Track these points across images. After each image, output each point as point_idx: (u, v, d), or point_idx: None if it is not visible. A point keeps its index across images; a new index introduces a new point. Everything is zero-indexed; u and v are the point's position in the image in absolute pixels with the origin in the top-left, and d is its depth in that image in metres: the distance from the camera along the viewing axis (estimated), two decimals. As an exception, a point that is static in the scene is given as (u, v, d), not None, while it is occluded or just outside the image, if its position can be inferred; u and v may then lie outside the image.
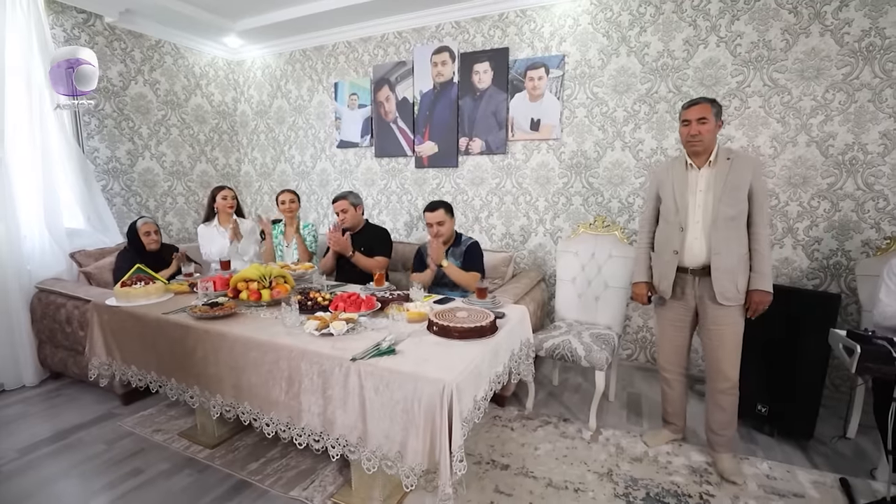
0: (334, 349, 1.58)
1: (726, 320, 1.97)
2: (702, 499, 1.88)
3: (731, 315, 1.96)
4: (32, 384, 2.88)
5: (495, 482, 1.96)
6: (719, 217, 1.90)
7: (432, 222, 2.61)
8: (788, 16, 2.58)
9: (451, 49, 3.44)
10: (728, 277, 1.91)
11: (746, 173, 1.88)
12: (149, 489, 1.95)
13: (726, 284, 1.91)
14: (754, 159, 1.98)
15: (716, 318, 1.99)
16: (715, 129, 1.91)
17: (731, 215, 1.89)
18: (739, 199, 1.88)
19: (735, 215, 1.89)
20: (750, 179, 1.88)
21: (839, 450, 2.24)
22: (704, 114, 1.88)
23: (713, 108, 1.90)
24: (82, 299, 2.60)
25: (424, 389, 1.38)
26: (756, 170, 1.90)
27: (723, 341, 1.99)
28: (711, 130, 1.90)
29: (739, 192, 1.88)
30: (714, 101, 1.92)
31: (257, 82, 4.42)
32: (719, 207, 1.90)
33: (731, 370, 2.01)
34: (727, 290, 1.92)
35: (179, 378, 1.99)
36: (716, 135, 1.93)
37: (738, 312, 1.97)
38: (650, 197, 2.17)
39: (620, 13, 2.95)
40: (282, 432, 1.70)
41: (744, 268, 1.92)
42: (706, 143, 1.92)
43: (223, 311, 1.95)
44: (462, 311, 1.87)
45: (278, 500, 1.87)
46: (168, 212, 3.99)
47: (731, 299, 1.93)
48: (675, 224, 2.01)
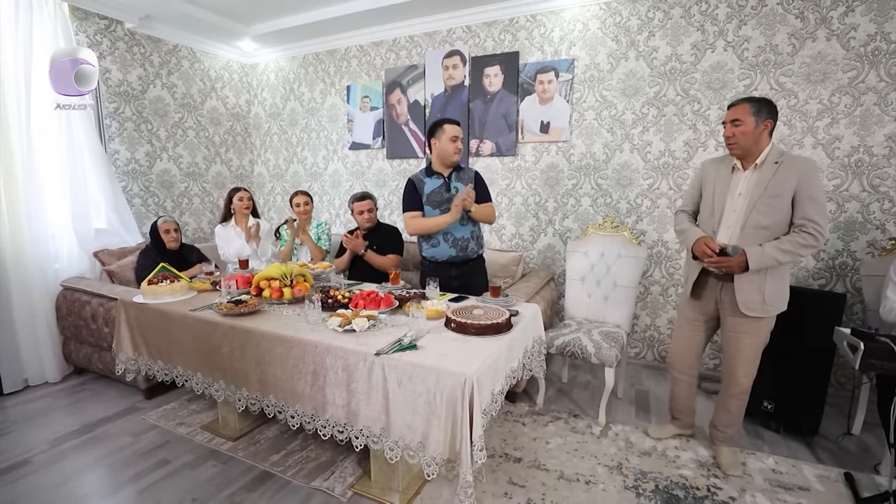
0: (358, 344, 1.66)
1: (746, 329, 1.92)
2: (709, 491, 1.94)
3: (752, 325, 1.90)
4: (56, 380, 2.98)
5: (509, 474, 2.03)
6: (748, 224, 1.81)
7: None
8: (795, 21, 2.64)
9: (463, 53, 3.51)
10: (753, 287, 1.82)
11: (791, 180, 1.73)
12: (176, 479, 2.03)
13: (750, 294, 1.83)
14: (806, 164, 1.76)
15: (735, 325, 1.94)
16: (756, 131, 1.78)
17: (763, 224, 1.78)
18: (777, 209, 1.76)
19: (769, 225, 1.77)
20: (794, 186, 1.72)
21: (844, 445, 2.30)
22: (739, 115, 1.79)
23: (752, 109, 1.78)
24: (107, 297, 2.69)
25: (446, 382, 1.45)
26: (806, 176, 1.72)
27: (739, 349, 1.96)
28: (748, 133, 1.78)
29: (779, 201, 1.75)
30: (757, 101, 1.79)
31: (271, 85, 4.51)
32: (751, 214, 1.80)
33: (744, 378, 2.00)
34: (750, 301, 1.84)
35: (206, 372, 2.07)
36: (761, 136, 1.79)
37: (765, 324, 1.91)
38: (693, 185, 2.11)
39: (629, 18, 3.01)
40: (306, 424, 1.78)
41: (774, 280, 1.82)
42: (743, 146, 1.82)
43: (248, 308, 2.03)
44: (478, 308, 1.94)
45: (301, 490, 1.95)
46: (184, 212, 4.09)
47: (754, 310, 1.84)
48: (709, 225, 1.96)
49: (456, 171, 2.44)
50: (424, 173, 2.46)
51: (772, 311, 1.87)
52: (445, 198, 2.38)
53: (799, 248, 1.72)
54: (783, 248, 1.73)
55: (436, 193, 2.39)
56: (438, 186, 2.40)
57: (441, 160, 2.39)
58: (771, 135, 1.83)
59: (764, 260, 1.75)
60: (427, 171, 2.46)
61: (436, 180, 2.41)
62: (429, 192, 2.40)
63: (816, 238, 1.69)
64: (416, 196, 2.42)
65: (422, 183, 2.43)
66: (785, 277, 1.88)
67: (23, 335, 2.84)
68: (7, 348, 2.77)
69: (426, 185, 2.42)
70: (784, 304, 1.91)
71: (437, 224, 2.35)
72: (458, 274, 2.45)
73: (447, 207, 2.35)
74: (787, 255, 1.74)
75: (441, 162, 2.40)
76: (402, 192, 2.52)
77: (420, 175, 2.47)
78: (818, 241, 1.69)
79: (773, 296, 1.84)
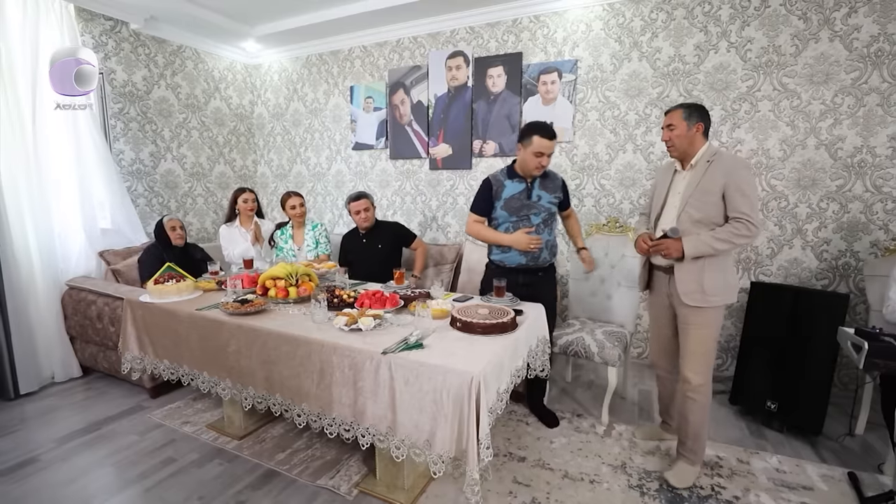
0: (365, 343, 1.67)
1: (692, 319, 1.93)
2: (713, 490, 1.95)
3: (697, 316, 1.91)
4: (63, 379, 2.99)
5: (513, 473, 2.04)
6: (682, 219, 1.88)
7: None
8: (798, 22, 2.65)
9: (466, 54, 3.52)
10: (691, 277, 1.87)
11: (720, 177, 1.80)
12: (182, 477, 2.04)
13: (689, 284, 1.88)
14: (735, 161, 1.85)
15: (683, 316, 1.96)
16: (689, 134, 1.87)
17: (696, 218, 1.85)
18: (709, 203, 1.83)
19: (700, 219, 1.84)
20: (723, 183, 1.79)
21: (847, 445, 2.30)
22: (673, 121, 1.90)
23: (683, 114, 1.88)
24: (113, 296, 2.71)
25: (453, 381, 1.46)
26: (734, 172, 1.79)
27: (687, 340, 1.95)
28: (682, 136, 1.88)
29: (709, 196, 1.82)
30: (688, 106, 1.90)
31: (274, 86, 4.53)
32: (685, 209, 1.88)
33: (691, 373, 1.93)
34: (689, 290, 1.88)
35: (212, 371, 2.09)
36: (695, 138, 1.88)
37: (710, 315, 1.90)
38: (650, 189, 2.22)
39: (633, 19, 3.03)
40: (312, 422, 1.79)
41: (713, 270, 1.86)
42: (679, 148, 1.91)
43: (254, 308, 2.05)
44: (483, 308, 1.95)
45: (306, 488, 1.96)
46: (188, 212, 4.10)
47: (695, 300, 1.88)
48: (653, 222, 2.05)
49: (541, 178, 2.26)
50: (505, 174, 2.28)
51: (714, 302, 1.88)
52: (524, 204, 2.22)
53: (732, 237, 1.77)
54: (717, 237, 1.79)
55: (515, 199, 2.22)
56: (519, 192, 2.23)
57: (521, 168, 2.23)
58: (706, 136, 1.91)
59: (699, 246, 1.81)
60: (509, 171, 2.27)
61: (517, 184, 2.24)
62: (507, 197, 2.24)
63: (748, 227, 1.75)
64: (488, 200, 2.27)
65: (501, 185, 2.26)
66: (727, 269, 1.90)
67: (36, 335, 2.86)
68: (24, 349, 2.78)
69: (506, 189, 2.24)
70: (729, 297, 1.90)
71: (498, 241, 2.26)
72: (525, 282, 2.29)
73: (525, 215, 2.22)
74: (721, 242, 1.79)
75: (522, 169, 2.23)
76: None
77: (500, 176, 2.29)
78: (750, 230, 1.75)
79: (714, 286, 1.86)
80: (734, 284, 1.95)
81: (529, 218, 2.23)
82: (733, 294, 1.93)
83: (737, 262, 2.94)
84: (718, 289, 1.87)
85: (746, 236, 1.76)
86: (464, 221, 3.76)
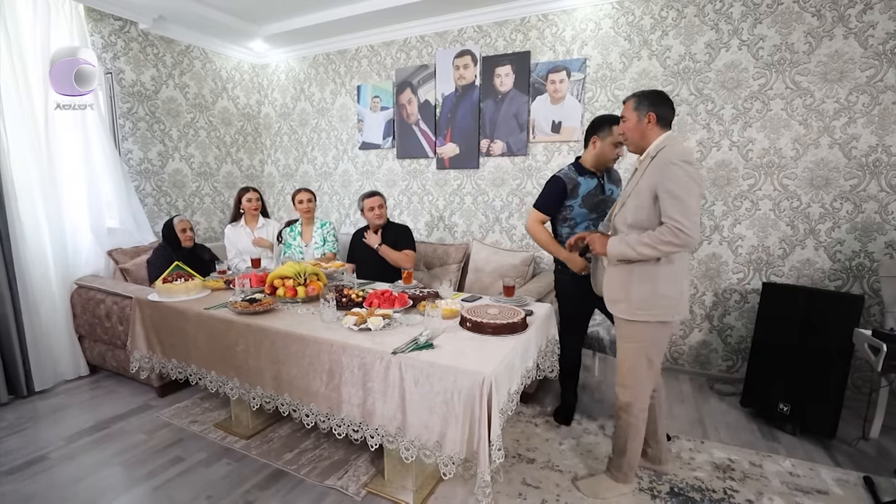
0: (374, 343, 1.66)
1: (621, 332, 1.79)
2: (726, 494, 1.92)
3: (624, 328, 1.76)
4: (72, 377, 3.00)
5: (522, 475, 2.02)
6: (616, 220, 1.76)
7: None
8: (812, 19, 2.61)
9: (474, 53, 3.51)
10: (616, 284, 1.74)
11: (653, 176, 1.61)
12: (190, 476, 2.04)
13: (614, 293, 1.75)
14: (669, 156, 1.59)
15: (616, 324, 1.81)
16: (640, 126, 1.70)
17: (628, 222, 1.69)
18: (639, 206, 1.65)
19: (632, 223, 1.68)
20: (655, 183, 1.59)
21: (862, 449, 2.26)
22: (624, 112, 1.76)
23: (633, 104, 1.71)
24: (122, 295, 2.71)
25: (464, 381, 1.44)
26: (665, 170, 1.57)
27: (617, 350, 1.83)
28: (632, 128, 1.72)
29: (641, 198, 1.64)
30: (638, 95, 1.72)
31: (281, 85, 4.53)
32: (620, 210, 1.74)
33: (619, 387, 1.81)
34: (614, 297, 1.75)
35: (220, 371, 2.08)
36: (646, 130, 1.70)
37: (637, 330, 1.72)
38: None
39: (642, 17, 3.00)
40: (321, 423, 1.78)
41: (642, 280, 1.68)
42: (632, 141, 1.75)
43: (262, 307, 2.04)
44: (493, 308, 1.94)
45: (314, 488, 1.95)
46: (196, 211, 4.11)
47: (620, 309, 1.73)
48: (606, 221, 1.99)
49: (606, 172, 2.27)
50: (575, 171, 2.24)
51: (639, 316, 1.68)
52: (600, 200, 2.20)
53: (657, 243, 1.56)
54: (643, 241, 1.59)
55: (591, 195, 2.19)
56: (594, 188, 2.21)
57: (597, 161, 2.20)
58: (666, 126, 1.70)
59: (621, 246, 1.65)
60: (578, 168, 2.24)
61: (590, 180, 2.22)
62: (584, 194, 2.21)
63: (676, 234, 1.51)
64: (560, 200, 2.22)
65: (575, 183, 2.21)
66: (659, 282, 1.65)
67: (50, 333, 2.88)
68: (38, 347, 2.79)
69: (581, 186, 2.21)
70: (661, 314, 1.68)
71: (554, 252, 2.24)
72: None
73: (603, 211, 2.19)
74: (645, 246, 1.58)
75: (596, 163, 2.20)
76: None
77: (570, 173, 2.23)
78: (678, 237, 1.51)
79: (641, 299, 1.67)
80: (672, 299, 1.67)
81: (607, 214, 2.09)
82: (669, 311, 1.68)
83: (740, 263, 2.90)
84: (644, 302, 1.67)
85: (672, 244, 1.53)
86: (470, 221, 3.74)
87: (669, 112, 1.70)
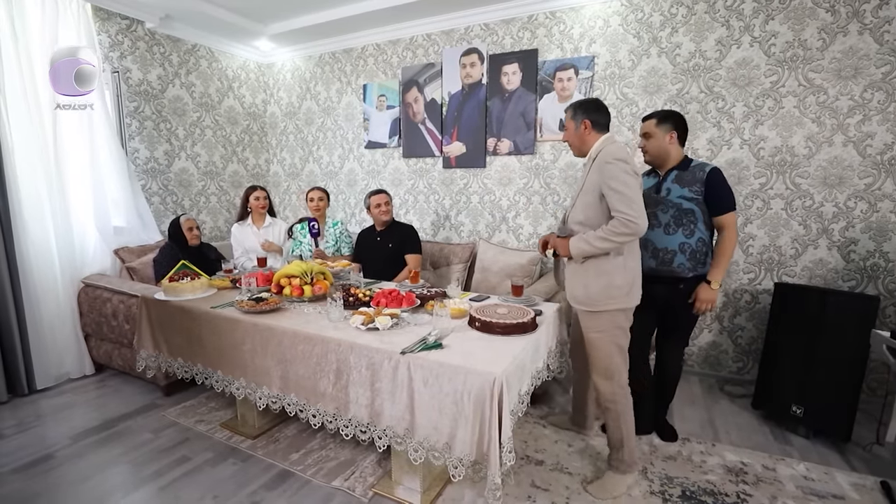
0: (382, 343, 1.64)
1: (584, 323, 1.91)
2: (739, 497, 1.88)
3: (588, 319, 1.88)
4: (77, 375, 3.00)
5: (531, 477, 2.00)
6: (570, 220, 1.89)
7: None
8: (825, 14, 2.57)
9: (480, 51, 3.48)
10: (577, 280, 1.88)
11: (595, 176, 1.76)
12: (196, 476, 2.03)
13: (576, 288, 1.88)
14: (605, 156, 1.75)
15: (581, 319, 1.93)
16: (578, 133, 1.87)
17: (579, 220, 1.84)
18: (587, 204, 1.80)
19: (583, 220, 1.82)
20: (598, 182, 1.74)
21: (878, 453, 2.22)
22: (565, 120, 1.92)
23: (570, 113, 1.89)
24: (128, 294, 2.71)
25: (474, 382, 1.42)
26: (604, 169, 1.72)
27: (587, 344, 1.92)
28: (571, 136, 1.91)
29: (588, 197, 1.80)
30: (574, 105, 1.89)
31: (287, 84, 4.53)
32: (572, 211, 1.87)
33: (598, 378, 1.91)
34: (574, 291, 1.89)
35: (226, 370, 2.07)
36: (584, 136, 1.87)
37: (599, 320, 1.84)
38: None
39: (651, 14, 2.96)
40: (328, 423, 1.76)
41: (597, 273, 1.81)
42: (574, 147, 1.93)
43: (269, 306, 2.03)
44: (502, 307, 1.91)
45: (321, 489, 1.93)
46: (202, 210, 4.11)
47: (579, 301, 1.88)
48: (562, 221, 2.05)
49: (679, 169, 2.04)
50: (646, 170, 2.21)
51: (599, 306, 1.82)
52: (651, 200, 2.05)
53: (611, 235, 1.69)
54: (599, 235, 1.73)
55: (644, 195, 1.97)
56: (649, 187, 2.12)
57: (657, 158, 2.10)
58: (604, 130, 1.85)
59: (582, 245, 1.77)
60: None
61: (650, 179, 2.16)
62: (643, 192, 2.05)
63: (626, 224, 1.66)
64: None
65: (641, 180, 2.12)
66: (612, 273, 1.79)
67: (55, 332, 2.88)
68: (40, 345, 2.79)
69: (644, 183, 2.12)
70: (619, 301, 1.82)
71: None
72: (664, 294, 2.07)
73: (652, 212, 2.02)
74: (601, 240, 1.72)
75: (658, 160, 2.10)
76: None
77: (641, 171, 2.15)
78: (628, 226, 1.65)
79: (597, 290, 1.81)
80: (626, 287, 1.82)
81: (656, 215, 2.03)
82: (624, 299, 1.82)
83: (740, 260, 2.86)
84: (602, 294, 1.81)
85: (625, 234, 1.67)
86: (477, 220, 3.72)
87: (603, 117, 1.86)
